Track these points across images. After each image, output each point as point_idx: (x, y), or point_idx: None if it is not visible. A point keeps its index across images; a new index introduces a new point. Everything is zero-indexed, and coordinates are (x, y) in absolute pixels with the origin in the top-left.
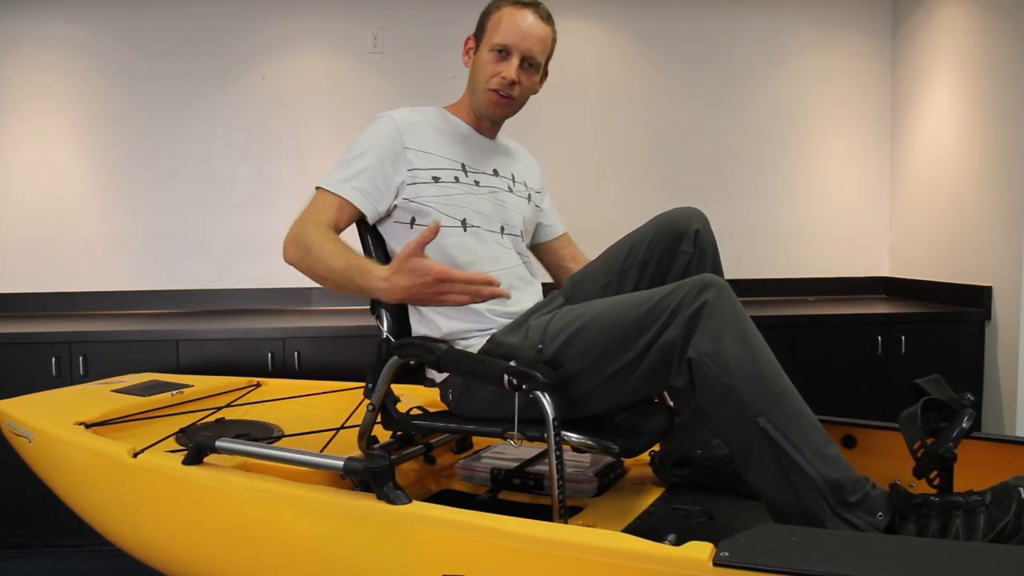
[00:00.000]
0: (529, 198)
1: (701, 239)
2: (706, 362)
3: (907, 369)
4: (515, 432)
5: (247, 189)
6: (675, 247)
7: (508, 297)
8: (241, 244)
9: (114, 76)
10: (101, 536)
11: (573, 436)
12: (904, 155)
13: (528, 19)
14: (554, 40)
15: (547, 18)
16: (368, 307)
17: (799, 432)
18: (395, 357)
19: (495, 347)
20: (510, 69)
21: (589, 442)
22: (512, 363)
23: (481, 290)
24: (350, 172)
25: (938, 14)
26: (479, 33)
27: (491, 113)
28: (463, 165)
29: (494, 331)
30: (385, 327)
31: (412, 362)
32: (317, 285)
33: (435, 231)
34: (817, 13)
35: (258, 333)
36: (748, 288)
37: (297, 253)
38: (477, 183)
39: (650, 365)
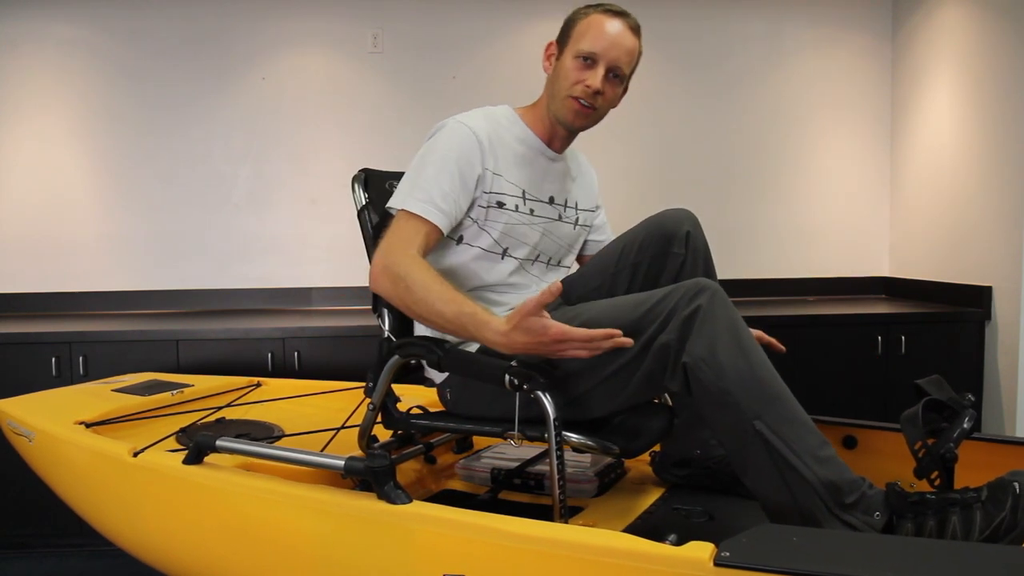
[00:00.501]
0: (576, 222)
1: (692, 241)
2: (701, 367)
3: (907, 369)
4: (515, 432)
5: (247, 189)
6: (666, 249)
7: (630, 345)
8: (241, 244)
9: (114, 76)
10: (101, 536)
11: (573, 436)
12: (904, 155)
13: (618, 28)
14: (640, 54)
15: (636, 30)
16: (369, 306)
17: (795, 435)
18: (396, 356)
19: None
20: (595, 78)
21: (589, 442)
22: (513, 363)
23: (601, 344)
24: (433, 191)
25: (938, 14)
26: (563, 39)
27: (570, 122)
28: (524, 192)
29: None
30: (386, 326)
31: (413, 361)
32: (317, 285)
33: (555, 294)
34: (817, 13)
35: (258, 333)
36: (748, 288)
37: (393, 290)
38: (532, 212)
39: (647, 368)
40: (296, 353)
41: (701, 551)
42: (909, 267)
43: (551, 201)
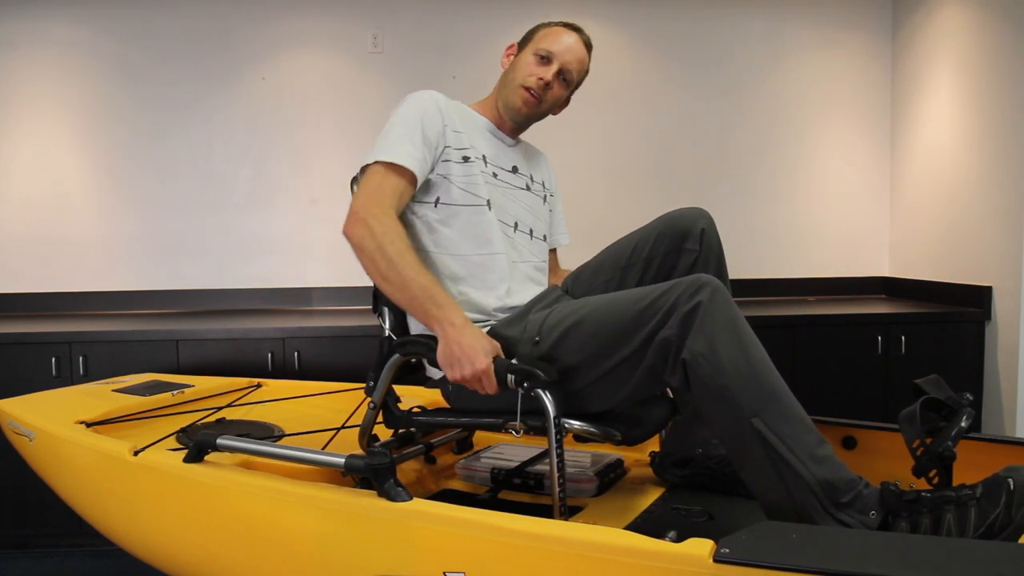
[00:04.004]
0: (545, 199)
1: (707, 238)
2: (700, 363)
3: (907, 369)
4: (517, 422)
5: (247, 189)
6: (680, 245)
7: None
8: (241, 244)
9: (114, 76)
10: (101, 536)
11: (576, 423)
12: (904, 155)
13: (574, 39)
14: (587, 72)
15: (589, 47)
16: (370, 306)
17: (793, 433)
18: (397, 355)
19: (495, 339)
20: (548, 72)
21: (592, 429)
22: (514, 361)
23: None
24: (402, 142)
25: (938, 14)
26: (523, 43)
27: (518, 108)
28: (484, 157)
29: (494, 323)
30: (387, 325)
31: (413, 360)
32: (317, 285)
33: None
34: (817, 13)
35: (258, 333)
36: (748, 288)
37: (368, 242)
38: (495, 175)
39: (649, 363)
40: (296, 353)
41: (700, 548)
42: (909, 267)
43: (515, 170)
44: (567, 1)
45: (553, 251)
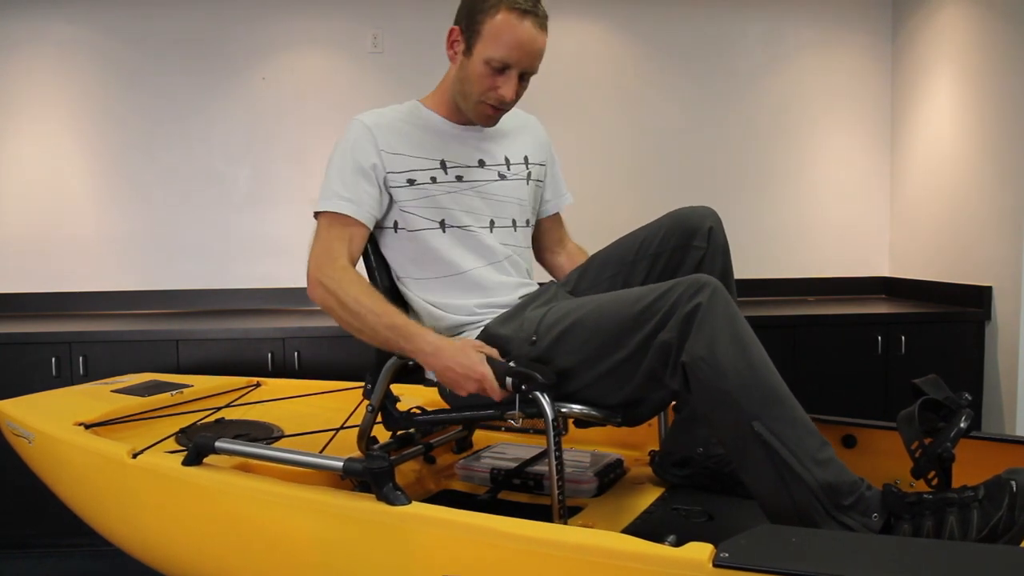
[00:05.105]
0: (528, 177)
1: (714, 236)
2: (701, 366)
3: (907, 369)
4: (516, 411)
5: (247, 189)
6: (688, 242)
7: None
8: (241, 244)
9: (114, 76)
10: (101, 536)
11: (576, 407)
12: (904, 155)
13: (530, 31)
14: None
15: (544, 25)
16: None
17: (794, 436)
18: (395, 357)
19: (488, 339)
20: (509, 87)
21: (593, 412)
22: (511, 363)
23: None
24: (336, 186)
25: (938, 14)
26: (470, 33)
27: (483, 123)
28: (442, 162)
29: (486, 322)
30: None
31: (411, 362)
32: None
33: (495, 356)
34: (817, 13)
35: (258, 333)
36: (748, 288)
37: (328, 302)
38: (460, 178)
39: (648, 365)
40: (296, 353)
41: (700, 552)
42: (909, 267)
43: (481, 164)
44: (567, 1)
45: (557, 216)
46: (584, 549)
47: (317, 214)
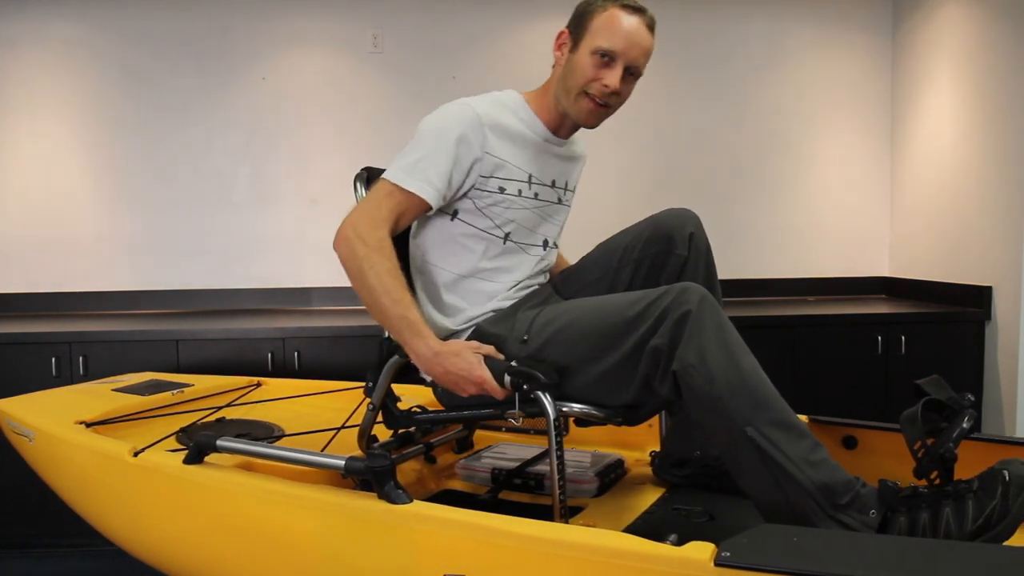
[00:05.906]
0: (568, 203)
1: (695, 241)
2: (692, 373)
3: (907, 369)
4: (516, 410)
5: (247, 189)
6: (669, 248)
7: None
8: (241, 244)
9: (114, 76)
10: (101, 536)
11: (576, 407)
12: (904, 155)
13: (637, 25)
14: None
15: (653, 27)
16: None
17: (786, 439)
18: (396, 356)
19: (480, 337)
20: (614, 77)
21: (593, 411)
22: (513, 363)
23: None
24: (429, 169)
25: (938, 14)
26: (578, 30)
27: (584, 120)
28: (530, 176)
29: (479, 322)
30: None
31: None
32: (317, 285)
33: (494, 356)
34: (817, 12)
35: (258, 333)
36: (748, 288)
37: (350, 261)
38: (537, 196)
39: (643, 371)
40: (296, 353)
41: (701, 551)
42: (909, 267)
43: (553, 184)
44: (567, 1)
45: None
46: (586, 548)
47: (381, 174)
